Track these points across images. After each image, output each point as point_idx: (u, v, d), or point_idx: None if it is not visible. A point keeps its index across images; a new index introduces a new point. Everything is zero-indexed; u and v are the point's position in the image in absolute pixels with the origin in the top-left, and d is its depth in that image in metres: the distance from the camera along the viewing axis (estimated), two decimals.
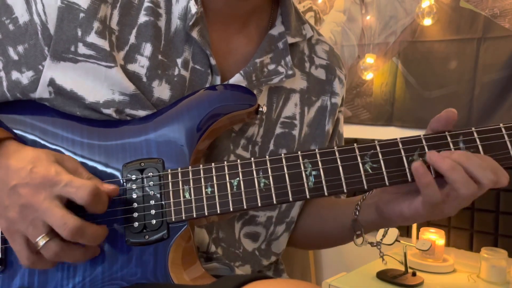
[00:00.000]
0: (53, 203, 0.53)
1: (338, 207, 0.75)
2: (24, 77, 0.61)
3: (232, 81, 0.67)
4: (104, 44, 0.60)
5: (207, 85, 0.67)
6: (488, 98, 1.76)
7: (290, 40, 0.73)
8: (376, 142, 0.59)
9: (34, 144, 0.62)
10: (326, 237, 0.78)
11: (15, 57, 0.61)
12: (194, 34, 0.65)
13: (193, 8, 0.64)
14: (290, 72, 0.72)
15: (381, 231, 0.75)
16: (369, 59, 2.05)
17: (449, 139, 0.58)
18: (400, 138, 0.59)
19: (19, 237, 0.55)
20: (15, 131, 0.62)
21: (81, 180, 0.54)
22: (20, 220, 0.54)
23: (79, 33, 0.60)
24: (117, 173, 0.60)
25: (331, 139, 0.82)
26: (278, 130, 0.73)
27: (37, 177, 0.54)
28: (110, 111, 0.61)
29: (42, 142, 0.62)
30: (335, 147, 0.59)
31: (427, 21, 1.88)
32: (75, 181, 0.53)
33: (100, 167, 0.61)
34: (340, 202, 0.77)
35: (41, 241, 0.53)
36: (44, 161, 0.55)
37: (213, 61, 0.66)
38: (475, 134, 0.58)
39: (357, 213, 0.67)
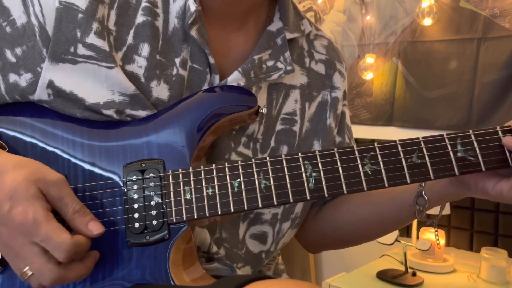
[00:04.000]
0: (32, 249, 0.51)
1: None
2: (23, 80, 0.61)
3: (230, 78, 0.67)
4: (103, 44, 0.60)
5: (206, 84, 0.67)
6: (488, 98, 1.76)
7: (289, 35, 0.73)
8: (375, 144, 0.59)
9: (34, 146, 0.61)
10: (383, 221, 0.76)
11: (13, 60, 0.61)
12: (193, 32, 0.65)
13: (192, 6, 0.64)
14: (289, 68, 0.72)
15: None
16: (369, 59, 2.05)
17: (447, 141, 0.59)
18: (399, 141, 0.59)
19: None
20: (13, 133, 0.62)
21: (59, 237, 0.50)
22: (5, 252, 0.53)
23: (78, 34, 0.60)
24: (118, 174, 0.60)
25: (340, 132, 0.81)
26: (279, 126, 0.73)
27: (14, 220, 0.51)
28: (110, 112, 0.61)
29: (42, 143, 0.61)
30: (335, 149, 0.59)
31: (427, 21, 1.88)
32: (53, 237, 0.50)
33: (100, 168, 0.60)
34: None
35: (28, 271, 0.52)
36: (22, 198, 0.51)
37: (211, 60, 0.66)
38: (473, 137, 0.59)
39: (423, 184, 0.66)
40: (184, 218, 0.58)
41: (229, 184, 0.58)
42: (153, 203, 0.59)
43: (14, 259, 0.53)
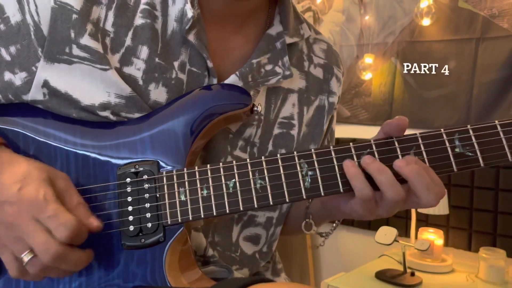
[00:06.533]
0: (37, 226, 0.52)
1: None
2: (17, 78, 0.60)
3: (227, 82, 0.66)
4: (97, 46, 0.60)
5: None
6: (487, 98, 1.76)
7: (288, 40, 0.72)
8: (372, 141, 0.58)
9: (26, 146, 0.61)
10: (288, 225, 0.81)
11: (8, 58, 0.60)
12: (191, 37, 0.64)
13: (189, 12, 0.63)
14: (287, 72, 0.71)
15: (382, 229, 0.79)
16: (368, 59, 2.05)
17: (444, 137, 0.58)
18: (396, 137, 0.58)
19: (7, 250, 0.54)
20: (5, 132, 0.61)
21: (65, 216, 0.52)
22: (7, 236, 0.54)
23: (72, 34, 0.59)
24: (112, 176, 0.60)
25: (324, 137, 0.82)
26: (276, 130, 0.73)
27: (24, 198, 0.53)
28: (106, 113, 0.61)
29: (34, 143, 0.61)
30: (331, 147, 0.58)
31: (426, 21, 1.88)
32: (60, 215, 0.52)
33: (93, 170, 0.60)
34: None
35: (26, 257, 0.53)
36: (35, 180, 0.54)
37: (210, 64, 0.65)
38: (471, 132, 0.58)
39: (310, 201, 0.71)
40: (179, 220, 0.57)
41: (224, 185, 0.58)
42: (147, 205, 0.58)
43: (15, 241, 0.53)
